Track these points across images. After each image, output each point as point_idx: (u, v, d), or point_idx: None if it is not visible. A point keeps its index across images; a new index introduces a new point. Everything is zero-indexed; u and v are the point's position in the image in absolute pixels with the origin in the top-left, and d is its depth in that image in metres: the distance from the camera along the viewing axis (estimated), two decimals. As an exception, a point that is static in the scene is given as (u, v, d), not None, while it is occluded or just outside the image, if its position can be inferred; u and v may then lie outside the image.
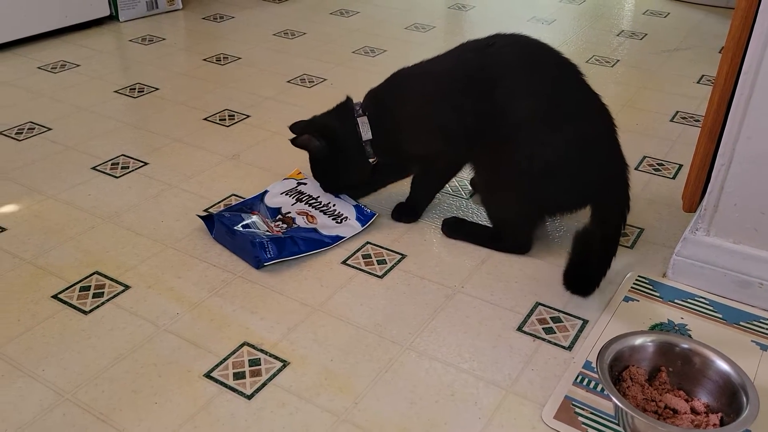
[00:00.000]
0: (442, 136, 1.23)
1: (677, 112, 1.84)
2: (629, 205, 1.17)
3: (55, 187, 1.46)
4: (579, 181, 1.16)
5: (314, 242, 1.25)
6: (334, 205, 1.34)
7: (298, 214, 1.32)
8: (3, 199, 1.42)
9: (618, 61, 2.18)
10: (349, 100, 1.32)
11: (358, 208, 1.33)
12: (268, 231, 1.27)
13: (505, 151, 1.16)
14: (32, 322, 1.10)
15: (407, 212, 1.36)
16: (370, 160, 1.31)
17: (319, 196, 1.36)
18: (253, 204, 1.36)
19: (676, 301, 1.15)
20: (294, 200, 1.37)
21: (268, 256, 1.20)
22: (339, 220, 1.30)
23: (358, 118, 1.27)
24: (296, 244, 1.24)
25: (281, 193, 1.38)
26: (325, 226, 1.29)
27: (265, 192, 1.40)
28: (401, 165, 1.35)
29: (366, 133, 1.27)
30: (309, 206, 1.34)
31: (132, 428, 0.92)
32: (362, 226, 1.29)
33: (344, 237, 1.27)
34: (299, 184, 1.41)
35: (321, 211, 1.33)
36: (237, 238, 1.24)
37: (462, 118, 1.19)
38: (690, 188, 1.21)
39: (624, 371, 0.96)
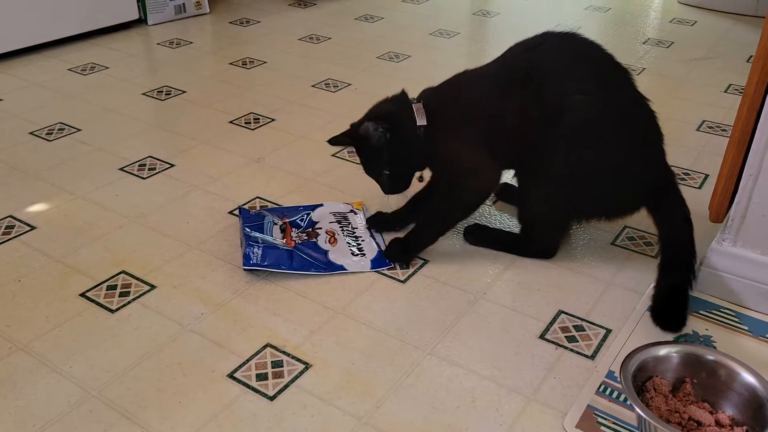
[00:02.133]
0: (488, 141, 1.19)
1: (704, 121, 1.82)
2: (689, 210, 1.17)
3: (84, 187, 1.49)
4: (625, 186, 1.17)
5: (312, 264, 1.23)
6: (363, 241, 1.30)
7: (326, 232, 1.32)
8: (33, 198, 1.45)
9: (644, 69, 2.16)
10: (403, 92, 1.27)
11: (380, 253, 1.27)
12: (280, 240, 1.27)
13: (552, 153, 1.15)
14: (60, 319, 1.12)
15: (400, 252, 1.27)
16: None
17: (357, 228, 1.34)
18: (291, 212, 1.37)
19: (701, 312, 1.14)
20: (334, 220, 1.36)
21: (252, 261, 1.21)
22: (355, 253, 1.27)
23: (413, 104, 1.22)
24: (291, 258, 1.23)
25: (330, 212, 1.38)
26: (339, 253, 1.27)
27: (319, 205, 1.40)
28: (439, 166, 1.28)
29: (421, 119, 1.20)
30: (341, 230, 1.33)
31: (156, 426, 0.93)
32: (371, 268, 1.24)
33: (346, 270, 1.23)
34: (351, 212, 1.40)
35: (348, 239, 1.30)
36: (242, 235, 1.28)
37: (511, 118, 1.17)
38: (717, 198, 1.20)
39: (648, 382, 0.95)
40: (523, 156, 1.20)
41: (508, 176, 1.34)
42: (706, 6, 2.73)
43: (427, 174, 1.32)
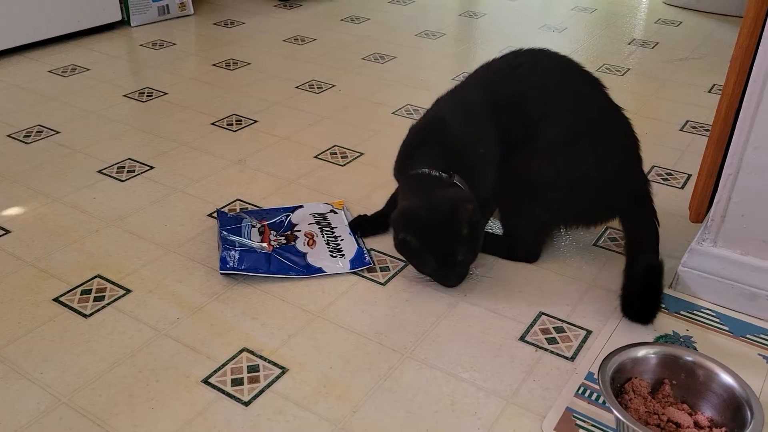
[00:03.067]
0: (495, 165, 1.18)
1: (687, 121, 1.82)
2: (658, 219, 1.19)
3: (61, 190, 1.47)
4: (602, 195, 1.19)
5: (290, 267, 1.21)
6: (342, 240, 1.29)
7: (305, 234, 1.31)
8: (9, 201, 1.43)
9: (629, 69, 2.16)
10: (422, 174, 1.14)
11: (360, 251, 1.25)
12: (258, 243, 1.26)
13: (533, 165, 1.16)
14: (32, 324, 1.10)
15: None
16: None
17: (337, 228, 1.33)
18: (270, 214, 1.36)
19: (681, 312, 1.13)
20: (314, 221, 1.35)
21: (228, 265, 1.19)
22: (334, 254, 1.25)
23: (455, 180, 1.13)
24: (268, 262, 1.21)
25: (310, 213, 1.37)
26: (317, 255, 1.25)
27: (300, 207, 1.39)
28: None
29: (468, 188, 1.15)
30: (320, 231, 1.32)
31: (128, 433, 0.91)
32: (350, 268, 1.22)
33: (325, 272, 1.21)
34: (331, 211, 1.38)
35: (326, 240, 1.29)
36: (219, 238, 1.26)
37: (499, 140, 1.17)
38: (697, 198, 1.19)
39: (627, 383, 0.94)
40: (505, 168, 1.20)
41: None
42: (692, 7, 2.73)
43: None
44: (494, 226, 1.35)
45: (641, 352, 0.94)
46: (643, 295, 1.10)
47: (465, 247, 1.12)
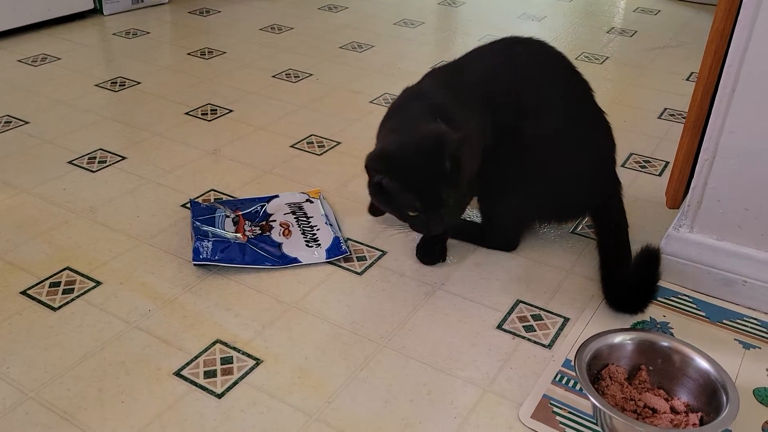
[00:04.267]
0: (480, 151, 1.15)
1: (665, 109, 1.82)
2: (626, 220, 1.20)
3: (30, 181, 1.43)
4: (578, 192, 1.20)
5: (265, 258, 1.19)
6: (318, 230, 1.27)
7: (280, 224, 1.28)
8: (-24, 193, 1.40)
9: (607, 58, 2.16)
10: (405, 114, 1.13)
11: (337, 240, 1.24)
12: (232, 233, 1.24)
13: (517, 157, 1.15)
14: (-1, 318, 1.07)
15: (437, 251, 1.22)
16: None
17: (312, 217, 1.30)
18: (245, 204, 1.33)
19: (658, 298, 1.13)
20: (289, 211, 1.33)
21: (202, 256, 1.17)
22: (310, 244, 1.23)
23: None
24: (243, 252, 1.19)
25: (286, 203, 1.34)
26: (293, 245, 1.23)
27: (275, 196, 1.37)
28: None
29: None
30: (296, 221, 1.29)
31: (96, 427, 0.89)
32: (326, 258, 1.20)
33: (300, 262, 1.20)
34: (307, 201, 1.36)
35: (302, 230, 1.27)
36: (192, 229, 1.24)
37: (486, 124, 1.15)
38: (674, 184, 1.19)
39: (603, 370, 0.94)
40: (489, 156, 1.18)
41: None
42: (670, -5, 2.73)
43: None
44: (472, 214, 1.34)
45: (618, 339, 0.94)
46: (638, 286, 1.09)
47: (450, 186, 1.00)
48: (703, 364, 0.89)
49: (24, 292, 1.12)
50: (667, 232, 1.17)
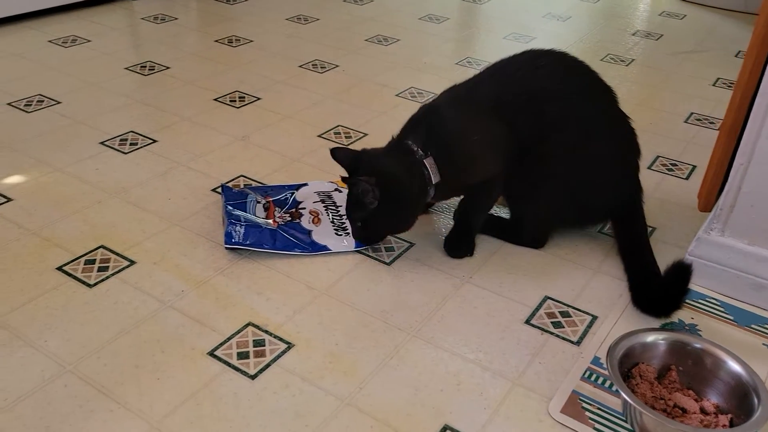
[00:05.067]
0: (501, 156, 1.18)
1: (692, 113, 1.82)
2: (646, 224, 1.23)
3: (63, 160, 1.45)
4: (603, 197, 1.22)
5: (295, 244, 1.21)
6: (347, 218, 1.30)
7: (310, 212, 1.30)
8: (10, 169, 1.41)
9: (633, 60, 2.16)
10: (400, 141, 1.18)
11: None
12: (263, 219, 1.25)
13: (545, 164, 1.17)
14: (36, 292, 1.08)
15: (465, 245, 1.24)
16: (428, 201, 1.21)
17: (341, 206, 1.31)
18: (275, 191, 1.35)
19: (687, 301, 1.13)
20: (318, 199, 1.34)
21: (234, 240, 1.18)
22: (339, 232, 1.25)
23: (424, 161, 1.14)
24: (274, 238, 1.21)
25: (315, 192, 1.36)
26: (322, 233, 1.25)
27: (304, 185, 1.38)
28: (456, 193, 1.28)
29: (435, 176, 1.14)
30: (325, 209, 1.31)
31: (134, 402, 0.91)
32: (355, 247, 1.22)
33: (330, 250, 1.21)
34: (336, 190, 1.37)
35: (331, 218, 1.28)
36: (224, 213, 1.25)
37: (507, 133, 1.17)
38: (706, 187, 1.20)
39: (634, 368, 0.94)
40: (519, 160, 1.20)
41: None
42: (697, 0, 2.73)
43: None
44: (499, 211, 1.35)
45: (650, 338, 0.95)
46: (667, 293, 1.09)
47: (360, 212, 1.16)
48: (736, 366, 0.90)
49: (60, 268, 1.14)
50: (697, 235, 1.17)
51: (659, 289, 1.10)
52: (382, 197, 1.13)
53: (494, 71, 1.23)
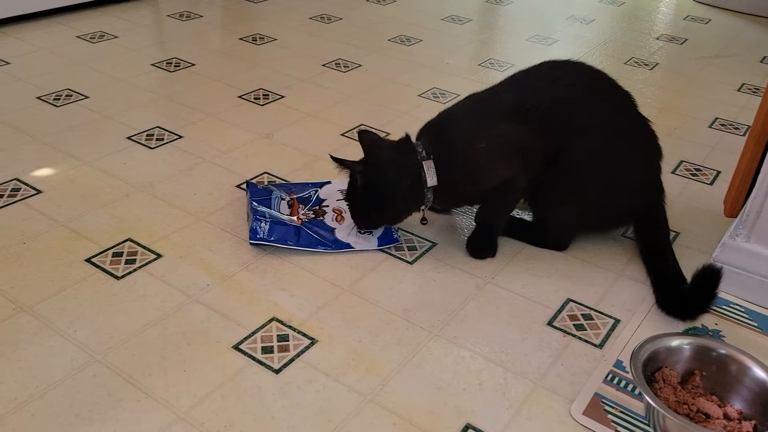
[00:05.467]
0: (517, 161, 1.18)
1: (716, 118, 1.81)
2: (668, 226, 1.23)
3: (91, 154, 1.47)
4: (626, 200, 1.22)
5: (319, 241, 1.22)
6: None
7: (333, 210, 1.31)
8: (39, 162, 1.44)
9: (657, 64, 2.15)
10: (408, 138, 1.20)
11: (388, 229, 1.26)
12: (287, 215, 1.26)
13: (568, 170, 1.18)
14: (65, 283, 1.10)
15: (487, 246, 1.24)
16: (423, 207, 1.22)
17: None
18: (298, 188, 1.36)
19: (711, 306, 1.13)
20: (342, 197, 1.35)
21: (258, 236, 1.20)
22: (362, 231, 1.26)
23: (423, 162, 1.15)
24: (298, 234, 1.22)
25: (338, 190, 1.37)
26: (346, 231, 1.25)
27: (327, 183, 1.39)
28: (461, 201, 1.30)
29: (432, 179, 1.15)
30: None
31: (160, 393, 0.92)
32: (378, 245, 1.23)
33: (353, 248, 1.22)
34: None
35: None
36: (249, 209, 1.26)
37: (536, 145, 1.18)
38: (733, 193, 1.19)
39: (657, 372, 0.94)
40: (539, 168, 1.20)
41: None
42: (721, 5, 2.71)
43: (429, 215, 1.28)
44: (521, 214, 1.35)
45: (675, 342, 0.95)
46: (697, 292, 1.09)
47: (349, 194, 1.23)
48: (761, 373, 0.90)
49: (89, 260, 1.16)
50: (722, 241, 1.17)
51: (686, 293, 1.10)
52: (366, 185, 1.17)
53: (513, 82, 1.24)
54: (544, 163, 1.18)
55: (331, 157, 1.19)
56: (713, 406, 0.91)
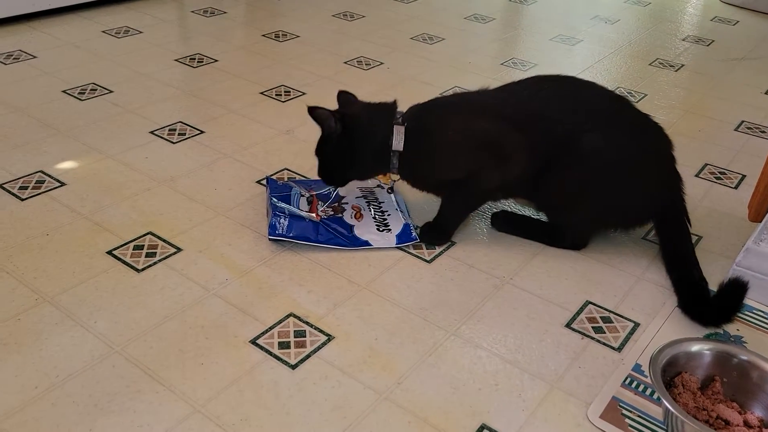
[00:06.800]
0: (485, 161, 1.19)
1: (742, 121, 1.78)
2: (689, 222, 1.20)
3: (114, 148, 1.49)
4: (641, 195, 1.20)
5: (336, 237, 1.22)
6: (389, 215, 1.29)
7: (352, 207, 1.31)
8: (64, 155, 1.46)
9: (683, 66, 2.12)
10: (394, 104, 1.24)
11: (407, 227, 1.26)
12: (306, 212, 1.26)
13: (576, 170, 1.17)
14: (86, 275, 1.12)
15: (436, 235, 1.26)
16: (393, 174, 1.25)
17: (384, 203, 1.33)
18: (318, 185, 1.36)
19: (735, 317, 1.11)
20: (361, 195, 1.36)
21: (277, 231, 1.20)
22: (381, 228, 1.26)
23: (395, 125, 1.19)
24: (316, 231, 1.22)
25: (357, 187, 1.37)
26: (364, 228, 1.26)
27: None
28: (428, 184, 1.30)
29: (398, 144, 1.19)
30: (367, 205, 1.32)
31: (178, 386, 0.93)
32: (396, 243, 1.23)
33: (371, 246, 1.22)
34: (378, 186, 1.38)
35: (373, 214, 1.29)
36: (269, 204, 1.27)
37: (513, 149, 1.18)
38: (758, 197, 1.17)
39: (676, 377, 0.93)
40: (543, 171, 1.19)
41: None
42: (749, 6, 2.66)
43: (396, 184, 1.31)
44: (532, 212, 1.34)
45: (695, 347, 0.93)
46: (723, 301, 1.08)
47: (321, 146, 1.25)
48: (783, 380, 0.88)
49: (110, 252, 1.17)
50: (745, 246, 1.15)
51: (713, 300, 1.08)
52: (342, 133, 1.20)
53: (504, 87, 1.25)
54: (529, 169, 1.18)
55: (308, 107, 1.20)
56: (733, 413, 0.89)
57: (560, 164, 1.17)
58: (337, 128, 1.20)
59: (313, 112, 1.20)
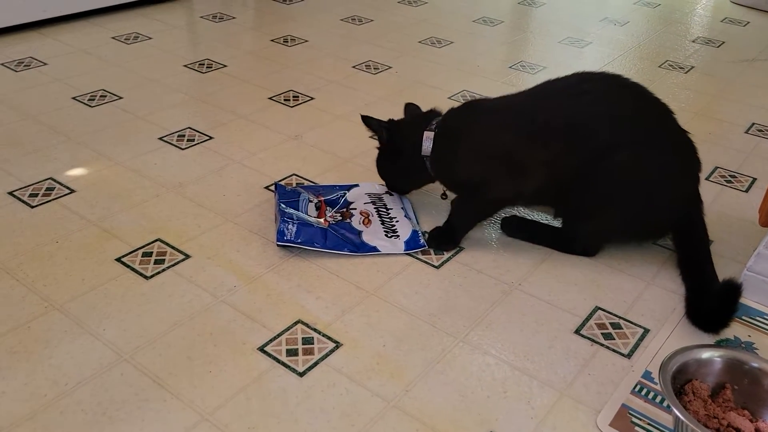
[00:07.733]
0: (501, 175, 1.20)
1: (753, 124, 1.77)
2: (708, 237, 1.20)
3: (123, 154, 1.50)
4: (662, 212, 1.20)
5: (345, 244, 1.22)
6: (397, 221, 1.29)
7: (360, 213, 1.31)
8: (74, 161, 1.47)
9: (693, 67, 2.11)
10: (432, 111, 1.30)
11: (415, 233, 1.26)
12: (315, 218, 1.26)
13: (602, 181, 1.16)
14: (96, 282, 1.12)
15: (443, 240, 1.26)
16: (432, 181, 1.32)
17: (392, 209, 1.33)
18: (326, 191, 1.37)
19: (743, 317, 1.10)
20: (369, 201, 1.36)
21: (286, 237, 1.20)
22: (389, 234, 1.26)
23: (425, 132, 1.25)
24: (324, 237, 1.22)
25: (366, 193, 1.38)
26: (372, 234, 1.26)
27: (355, 185, 1.39)
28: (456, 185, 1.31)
29: (426, 149, 1.25)
30: (376, 211, 1.32)
31: (186, 393, 0.93)
32: (404, 250, 1.23)
33: (379, 251, 1.22)
34: (387, 193, 1.39)
35: (382, 220, 1.30)
36: (277, 210, 1.27)
37: (535, 164, 1.18)
38: (768, 202, 1.16)
39: (687, 384, 0.92)
40: (568, 180, 1.18)
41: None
42: (760, 7, 2.64)
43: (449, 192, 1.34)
44: (550, 218, 1.34)
45: (706, 354, 0.92)
46: (719, 306, 1.07)
47: (379, 160, 1.35)
48: (795, 387, 0.87)
49: (119, 259, 1.18)
50: (756, 251, 1.14)
51: (709, 307, 1.07)
52: (386, 144, 1.30)
53: (540, 92, 1.23)
54: (551, 181, 1.17)
55: (362, 116, 1.29)
56: (744, 420, 0.89)
57: (589, 175, 1.15)
58: (384, 137, 1.29)
59: (365, 120, 1.29)
